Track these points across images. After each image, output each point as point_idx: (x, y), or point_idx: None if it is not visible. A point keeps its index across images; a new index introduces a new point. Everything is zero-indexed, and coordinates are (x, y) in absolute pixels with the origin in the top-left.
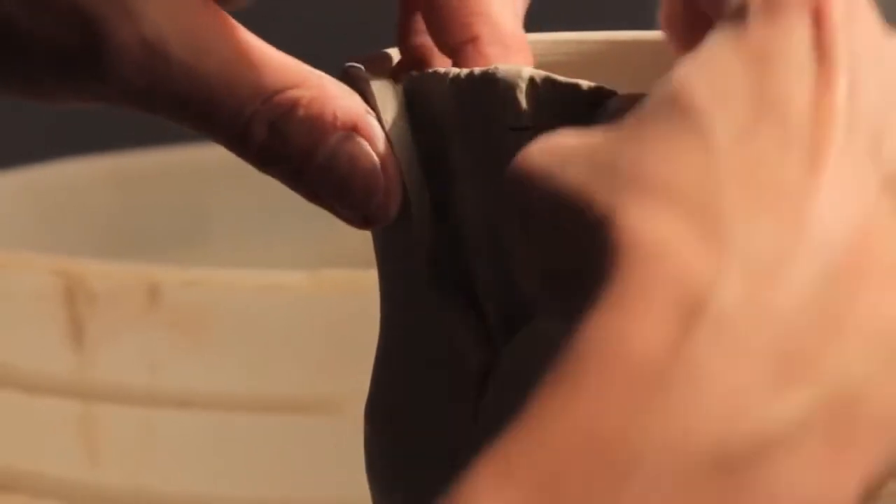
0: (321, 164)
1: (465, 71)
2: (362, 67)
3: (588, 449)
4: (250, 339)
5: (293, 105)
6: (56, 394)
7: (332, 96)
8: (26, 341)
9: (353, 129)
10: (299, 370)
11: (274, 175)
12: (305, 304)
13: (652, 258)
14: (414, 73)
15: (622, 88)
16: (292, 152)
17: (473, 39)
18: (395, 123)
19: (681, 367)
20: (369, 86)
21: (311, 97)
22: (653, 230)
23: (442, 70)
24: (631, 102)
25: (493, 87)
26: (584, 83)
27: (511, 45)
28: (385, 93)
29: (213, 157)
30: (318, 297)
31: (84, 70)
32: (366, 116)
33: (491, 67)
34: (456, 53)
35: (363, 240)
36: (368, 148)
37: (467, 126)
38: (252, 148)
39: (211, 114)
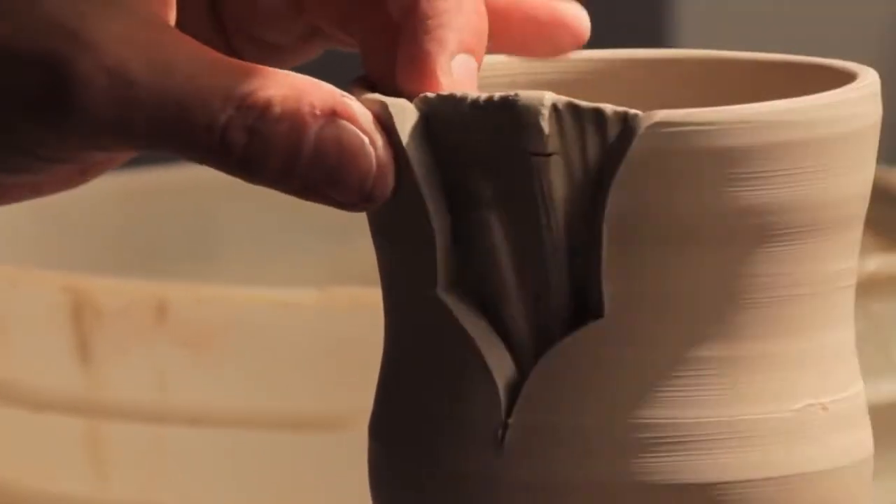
0: (309, 156)
1: (483, 96)
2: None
3: None
4: (259, 355)
5: (267, 104)
6: (63, 411)
7: (304, 89)
8: (34, 358)
9: (333, 115)
10: (309, 387)
11: (261, 182)
12: (315, 320)
13: None
14: (428, 94)
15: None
16: (277, 152)
17: None
18: (415, 146)
19: None
20: (386, 106)
21: (283, 94)
22: None
23: (458, 93)
24: (648, 120)
25: (514, 113)
26: (608, 107)
27: (463, 4)
28: (403, 114)
29: (220, 174)
30: (327, 314)
31: (52, 112)
32: (342, 99)
33: (511, 94)
34: (405, 12)
35: (373, 256)
36: (353, 127)
37: (488, 152)
38: (234, 157)
39: (185, 131)
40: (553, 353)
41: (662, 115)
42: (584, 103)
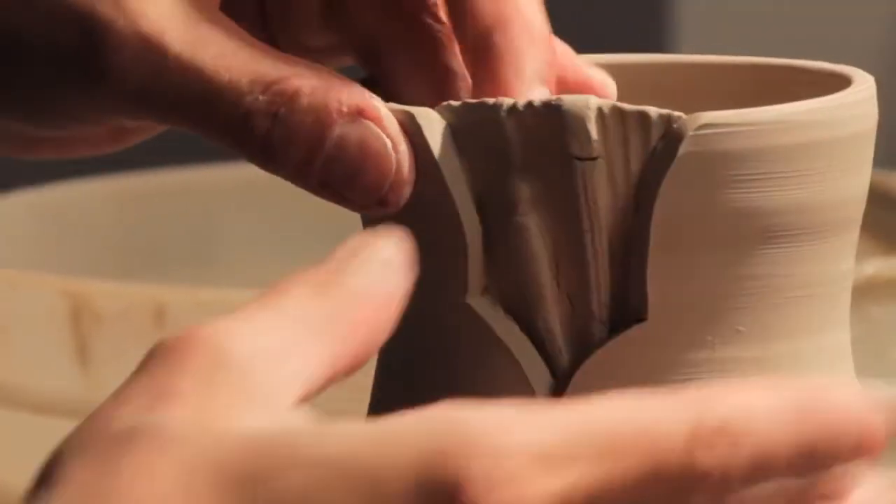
0: (330, 153)
1: (522, 102)
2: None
3: None
4: None
5: (295, 94)
6: (62, 413)
7: (333, 84)
8: (33, 360)
9: (359, 114)
10: None
11: (279, 171)
12: None
13: None
14: (452, 103)
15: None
16: (299, 143)
17: (504, 24)
18: (443, 154)
19: None
20: (412, 116)
21: (312, 85)
22: None
23: (490, 101)
24: (695, 122)
25: (559, 118)
26: (653, 110)
27: (536, 38)
28: (430, 123)
29: (220, 177)
30: None
31: (83, 71)
32: (370, 100)
33: (554, 99)
34: (481, 41)
35: None
36: (377, 129)
37: (527, 157)
38: (254, 142)
39: (209, 108)
40: (596, 357)
41: (708, 116)
42: (628, 106)
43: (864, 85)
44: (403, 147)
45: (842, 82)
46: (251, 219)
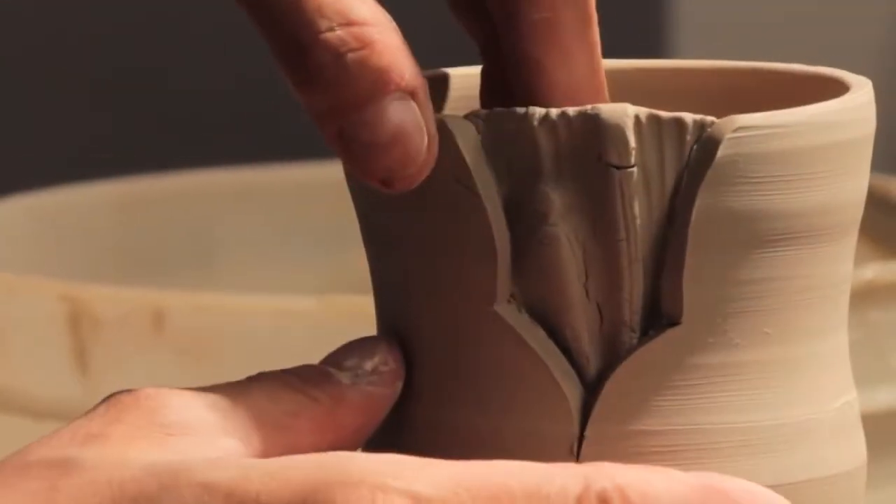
0: (367, 117)
1: (553, 111)
2: None
3: None
4: (258, 364)
5: (371, 45)
6: (61, 418)
7: (404, 53)
8: (32, 366)
9: (412, 95)
10: None
11: (307, 102)
12: (314, 329)
13: None
14: (481, 111)
15: None
16: (345, 93)
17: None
18: (474, 162)
19: None
20: (444, 122)
21: (387, 45)
22: None
23: (521, 110)
24: (727, 129)
25: (596, 127)
26: (688, 116)
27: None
28: (461, 130)
29: (220, 181)
30: (325, 322)
31: None
32: (425, 85)
33: (590, 108)
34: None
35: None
36: (420, 117)
37: (560, 166)
38: (303, 67)
39: (281, 11)
40: (629, 363)
41: (742, 120)
42: (664, 113)
43: (865, 88)
44: (435, 146)
45: (838, 86)
46: (250, 223)
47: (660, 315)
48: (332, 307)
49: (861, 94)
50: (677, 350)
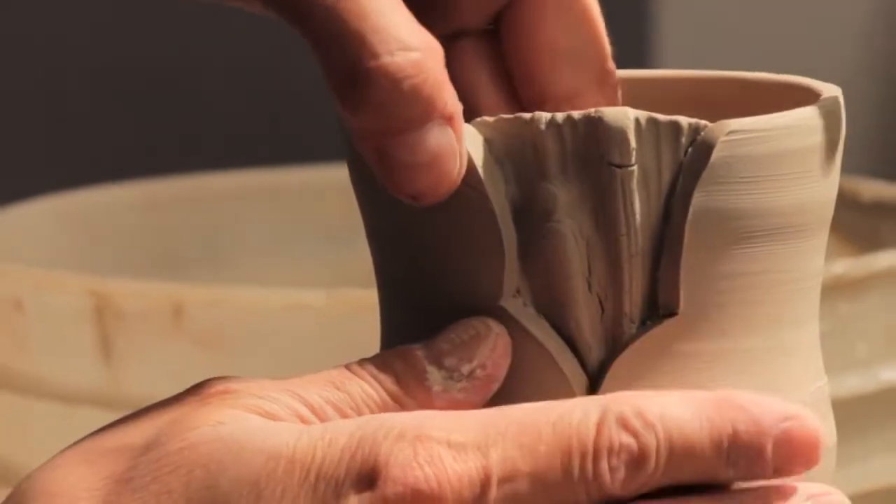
0: (410, 142)
1: (560, 115)
2: None
3: None
4: (270, 354)
5: (424, 72)
6: (87, 404)
7: (447, 77)
8: (59, 356)
9: (449, 121)
10: None
11: (352, 117)
12: (323, 321)
13: None
14: (488, 118)
15: None
16: (396, 118)
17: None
18: (485, 166)
19: None
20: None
21: (436, 72)
22: None
23: (526, 116)
24: (720, 132)
25: (601, 129)
26: (683, 119)
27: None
28: (473, 139)
29: (236, 184)
30: (334, 315)
31: None
32: (461, 110)
33: (593, 111)
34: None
35: None
36: (455, 143)
37: (565, 167)
38: (361, 91)
39: (346, 34)
40: (629, 352)
41: (734, 124)
42: (661, 116)
43: (835, 95)
44: (464, 166)
45: (808, 93)
46: (263, 222)
47: (656, 306)
48: (339, 300)
49: (833, 100)
50: (673, 339)
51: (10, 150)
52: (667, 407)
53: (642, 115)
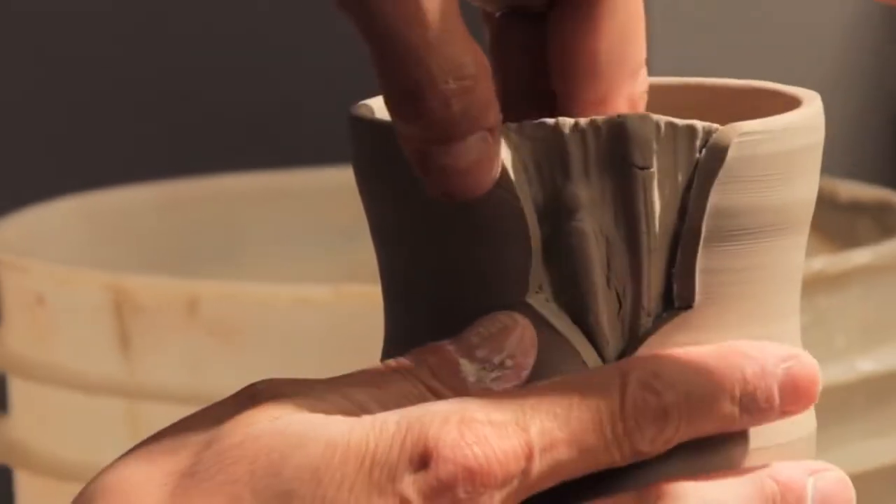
0: (454, 150)
1: (583, 120)
2: None
3: None
4: (279, 345)
5: (474, 94)
6: (107, 393)
7: (493, 96)
8: (81, 346)
9: (490, 132)
10: (322, 372)
11: (404, 128)
12: (329, 314)
13: None
14: (511, 124)
15: None
16: (444, 130)
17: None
18: (515, 170)
19: None
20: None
21: (485, 91)
22: None
23: (551, 121)
24: (734, 134)
25: (624, 132)
26: (698, 123)
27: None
28: (502, 142)
29: (247, 184)
30: (340, 309)
31: None
32: (500, 122)
33: (616, 116)
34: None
35: None
36: (493, 153)
37: (588, 169)
38: (417, 108)
39: (410, 57)
40: (649, 344)
41: (745, 126)
42: (678, 120)
43: (816, 100)
44: (497, 173)
45: (788, 100)
46: (273, 221)
47: (671, 300)
48: (345, 295)
49: (816, 104)
50: (687, 331)
51: (35, 152)
52: (680, 365)
53: (662, 119)
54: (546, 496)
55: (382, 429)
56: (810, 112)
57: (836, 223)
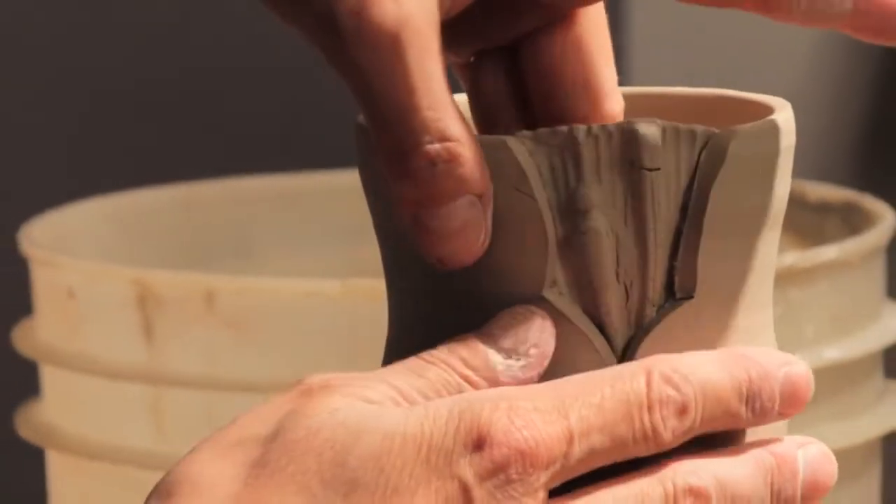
0: (442, 213)
1: (596, 126)
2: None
3: None
4: (291, 335)
5: (458, 159)
6: (131, 380)
7: (480, 161)
8: (107, 336)
9: (480, 197)
10: (331, 362)
11: (396, 188)
12: (337, 307)
13: None
14: (526, 132)
15: None
16: (431, 192)
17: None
18: (533, 174)
19: None
20: (505, 142)
21: (469, 157)
22: None
23: (564, 128)
24: (731, 136)
25: (634, 137)
26: (699, 127)
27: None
28: (521, 149)
29: (264, 186)
30: (348, 302)
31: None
32: (491, 187)
33: (626, 122)
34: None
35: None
36: (482, 218)
37: (600, 171)
38: (405, 167)
39: (393, 113)
40: (656, 332)
41: (742, 128)
42: (681, 125)
43: (788, 107)
44: (487, 240)
45: (757, 108)
46: (285, 221)
47: (673, 291)
48: (353, 289)
49: (789, 110)
50: (688, 319)
51: (66, 156)
52: (696, 363)
53: (667, 124)
54: (572, 485)
55: (436, 417)
56: (788, 116)
57: (805, 222)
